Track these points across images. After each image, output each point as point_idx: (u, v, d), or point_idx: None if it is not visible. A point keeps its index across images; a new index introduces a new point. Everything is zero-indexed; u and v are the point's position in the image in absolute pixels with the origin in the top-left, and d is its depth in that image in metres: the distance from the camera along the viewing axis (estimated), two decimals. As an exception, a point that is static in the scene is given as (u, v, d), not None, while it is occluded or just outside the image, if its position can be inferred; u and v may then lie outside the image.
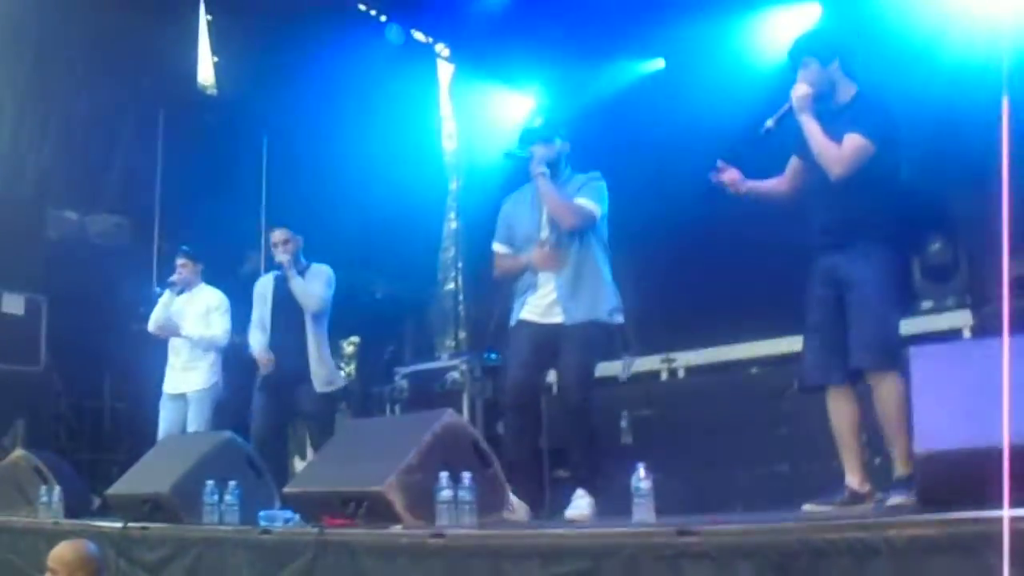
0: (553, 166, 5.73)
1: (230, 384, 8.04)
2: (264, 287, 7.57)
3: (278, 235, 7.41)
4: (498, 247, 5.99)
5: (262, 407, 7.29)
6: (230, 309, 8.00)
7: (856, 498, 4.64)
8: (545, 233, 5.69)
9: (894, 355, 4.52)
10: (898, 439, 4.50)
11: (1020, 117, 3.09)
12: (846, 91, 4.90)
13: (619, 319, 5.68)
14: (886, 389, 4.53)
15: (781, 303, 8.03)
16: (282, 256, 7.31)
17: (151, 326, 8.09)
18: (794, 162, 5.12)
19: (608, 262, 5.76)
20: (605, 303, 5.60)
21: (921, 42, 8.03)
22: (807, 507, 4.59)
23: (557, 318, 5.59)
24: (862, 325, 4.60)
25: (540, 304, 5.66)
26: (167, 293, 8.08)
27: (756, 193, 5.22)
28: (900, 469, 4.49)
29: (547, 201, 5.66)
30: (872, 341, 4.56)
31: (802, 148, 4.98)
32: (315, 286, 7.33)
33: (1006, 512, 2.62)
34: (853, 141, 4.68)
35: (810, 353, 4.88)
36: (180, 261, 8.08)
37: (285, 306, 7.35)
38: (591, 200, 5.66)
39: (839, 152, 4.70)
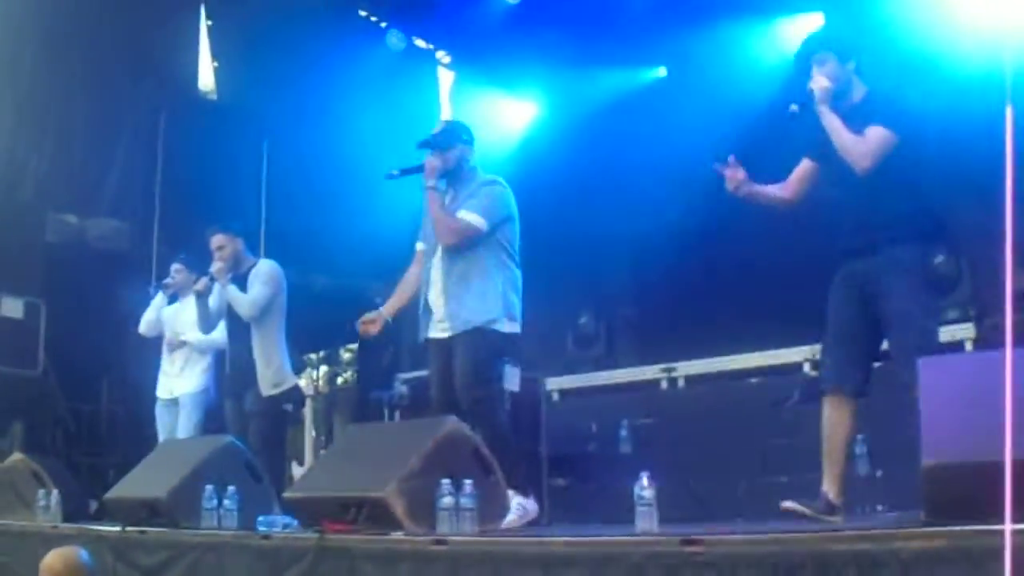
0: (452, 173, 5.71)
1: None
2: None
3: (215, 241, 7.25)
4: (420, 246, 6.02)
5: (229, 413, 7.28)
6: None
7: (831, 508, 4.58)
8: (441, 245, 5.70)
9: None
10: None
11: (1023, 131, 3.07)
12: (859, 91, 4.84)
13: (508, 328, 5.59)
14: None
15: (782, 314, 8.07)
16: (216, 264, 7.18)
17: (142, 326, 8.09)
18: (804, 166, 5.04)
19: (510, 268, 5.68)
20: (485, 312, 5.51)
21: (925, 53, 8.03)
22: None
23: (445, 332, 5.59)
24: (905, 337, 4.48)
25: (434, 317, 5.68)
26: (160, 295, 8.06)
27: (757, 198, 5.07)
28: None
29: (431, 216, 5.67)
30: (918, 353, 4.43)
31: (816, 150, 4.93)
32: (253, 289, 7.14)
33: (1008, 527, 2.61)
34: (876, 132, 4.60)
35: (830, 356, 4.78)
36: (175, 267, 8.06)
37: (233, 311, 7.25)
38: (476, 213, 5.56)
39: (865, 145, 4.61)
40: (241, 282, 7.18)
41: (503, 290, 5.59)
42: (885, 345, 4.77)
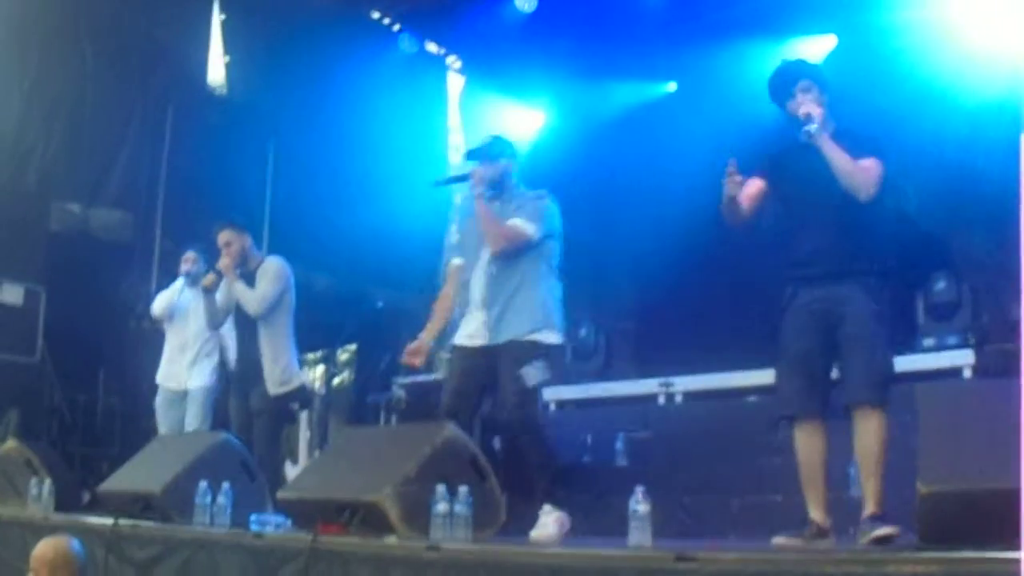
0: (498, 185, 5.70)
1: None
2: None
3: (222, 236, 7.20)
4: (455, 261, 5.96)
5: (234, 410, 7.26)
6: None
7: (821, 533, 4.57)
8: (485, 252, 5.65)
9: (886, 391, 4.48)
10: (873, 478, 4.43)
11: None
12: (829, 128, 4.77)
13: (551, 339, 5.56)
14: (871, 425, 4.44)
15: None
16: (224, 260, 7.14)
17: (155, 307, 8.03)
18: (758, 185, 5.00)
19: (552, 281, 5.67)
20: (530, 322, 5.49)
21: (936, 80, 8.05)
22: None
23: (486, 340, 5.55)
24: (857, 359, 4.50)
25: (471, 326, 5.63)
26: (181, 281, 8.00)
27: (731, 203, 4.92)
28: (871, 507, 4.39)
29: (480, 223, 5.63)
30: (871, 376, 4.46)
31: (775, 173, 4.94)
32: (260, 286, 7.10)
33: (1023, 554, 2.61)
34: (873, 163, 4.62)
35: (789, 382, 4.75)
36: (192, 256, 7.98)
37: (241, 308, 7.22)
38: (528, 221, 5.56)
39: (869, 174, 4.61)
40: (248, 279, 7.15)
41: (547, 301, 5.59)
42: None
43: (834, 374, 4.75)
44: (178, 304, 7.99)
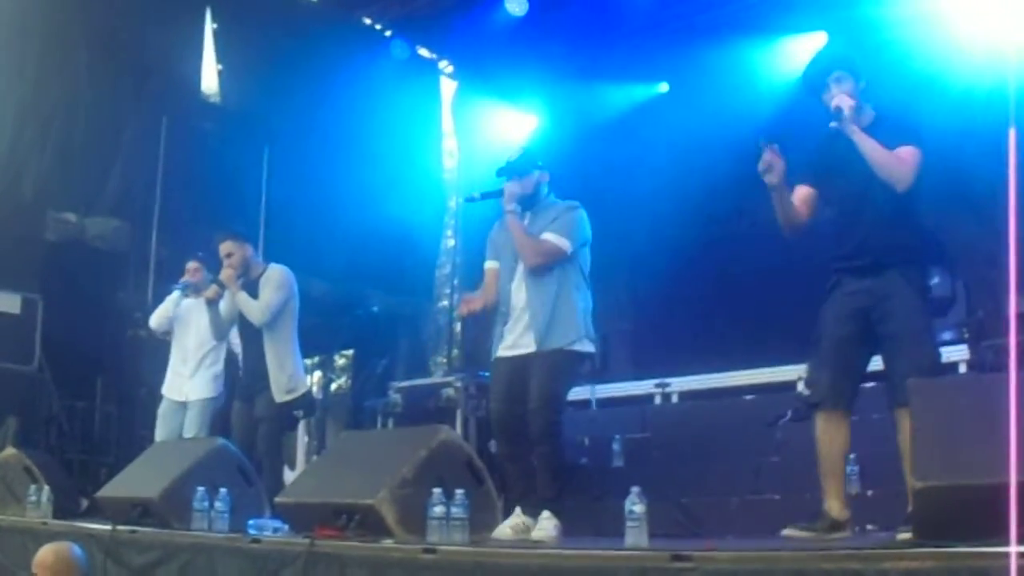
0: (530, 198, 5.73)
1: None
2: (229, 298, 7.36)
3: (224, 247, 7.19)
4: (491, 264, 5.96)
5: (237, 415, 7.25)
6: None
7: (836, 526, 4.56)
8: (521, 264, 5.67)
9: None
10: None
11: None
12: (867, 115, 4.79)
13: (588, 348, 5.61)
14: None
15: (777, 333, 8.09)
16: (226, 271, 7.14)
17: (152, 320, 8.05)
18: (805, 192, 4.96)
19: (585, 290, 5.72)
20: (573, 332, 5.54)
21: (926, 73, 8.07)
22: (787, 531, 4.50)
23: (527, 348, 5.56)
24: (907, 359, 4.45)
25: (511, 336, 5.65)
26: (177, 293, 8.01)
27: (777, 193, 4.84)
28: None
29: (515, 240, 5.66)
30: (928, 373, 4.39)
31: (812, 174, 4.93)
32: (264, 294, 7.08)
33: (1013, 548, 2.62)
34: (910, 151, 4.60)
35: (822, 371, 4.76)
36: (194, 265, 7.99)
37: (245, 317, 7.20)
38: (560, 235, 5.59)
39: (906, 164, 4.59)
40: (251, 288, 7.14)
41: (582, 311, 5.63)
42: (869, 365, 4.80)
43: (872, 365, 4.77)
44: (177, 315, 8.00)
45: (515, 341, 5.62)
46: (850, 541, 4.41)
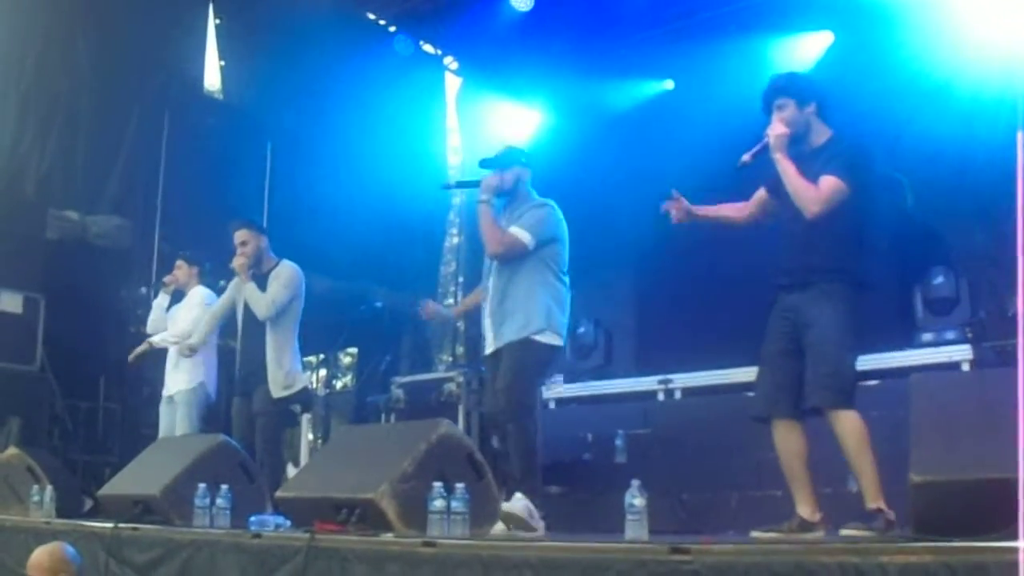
0: (508, 193, 5.86)
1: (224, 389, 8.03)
2: (237, 287, 7.44)
3: (239, 235, 7.26)
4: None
5: (236, 411, 7.28)
6: (208, 306, 7.88)
7: (806, 526, 4.62)
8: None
9: (850, 394, 4.58)
10: (864, 473, 4.50)
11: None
12: (821, 134, 4.92)
13: (553, 340, 5.71)
14: (845, 427, 4.53)
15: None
16: (238, 259, 7.19)
17: (149, 327, 8.12)
18: (761, 195, 5.18)
19: (556, 286, 5.81)
20: (534, 323, 5.65)
21: (935, 78, 8.06)
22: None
23: (494, 344, 5.74)
24: (818, 365, 4.61)
25: (487, 333, 5.83)
26: (161, 295, 8.08)
27: (710, 219, 5.36)
28: (870, 502, 4.46)
29: (481, 229, 5.80)
30: (828, 381, 4.57)
31: (774, 184, 5.03)
32: (272, 289, 7.13)
33: (1022, 543, 2.62)
34: (829, 182, 4.69)
35: (761, 385, 4.96)
36: (176, 264, 8.08)
37: (249, 309, 7.23)
38: (523, 229, 5.71)
39: (816, 192, 4.70)
40: (261, 281, 7.17)
41: (547, 305, 5.71)
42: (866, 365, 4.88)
43: None
44: (162, 316, 8.07)
45: (489, 338, 5.80)
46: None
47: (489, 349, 5.80)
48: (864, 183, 4.78)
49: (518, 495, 5.28)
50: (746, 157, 5.00)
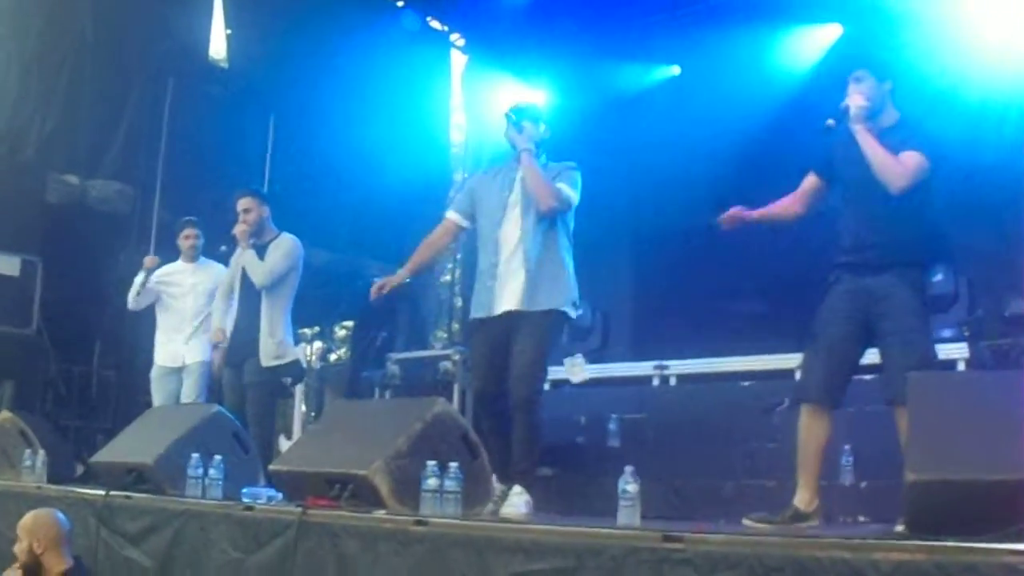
0: (538, 147, 5.68)
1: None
2: (239, 258, 7.40)
3: (242, 203, 7.21)
4: (452, 215, 5.95)
5: (227, 382, 7.26)
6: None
7: (799, 516, 4.62)
8: (515, 211, 5.59)
9: None
10: None
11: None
12: (891, 115, 4.86)
13: (576, 312, 5.60)
14: None
15: (777, 320, 8.08)
16: (239, 227, 7.16)
17: (131, 303, 8.03)
18: (812, 181, 5.07)
19: (571, 254, 5.64)
20: (567, 293, 5.50)
21: (939, 73, 8.03)
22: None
23: (512, 306, 5.47)
24: (908, 355, 4.49)
25: (496, 291, 5.55)
26: (142, 275, 7.99)
27: (766, 220, 5.20)
28: None
29: (530, 179, 5.54)
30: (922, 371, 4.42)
31: (825, 167, 4.97)
32: (271, 259, 7.12)
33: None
34: (915, 157, 4.64)
35: (821, 369, 4.80)
36: (193, 232, 8.02)
37: (247, 279, 7.21)
38: (569, 187, 5.56)
39: (903, 167, 4.63)
40: (260, 252, 7.16)
41: (571, 274, 5.59)
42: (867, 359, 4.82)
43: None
44: (170, 282, 8.00)
45: (498, 297, 5.53)
46: (837, 531, 4.41)
47: (500, 309, 5.52)
48: (934, 159, 4.74)
49: (517, 489, 5.21)
50: (831, 121, 4.87)
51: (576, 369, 8.27)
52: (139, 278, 7.96)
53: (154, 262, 7.96)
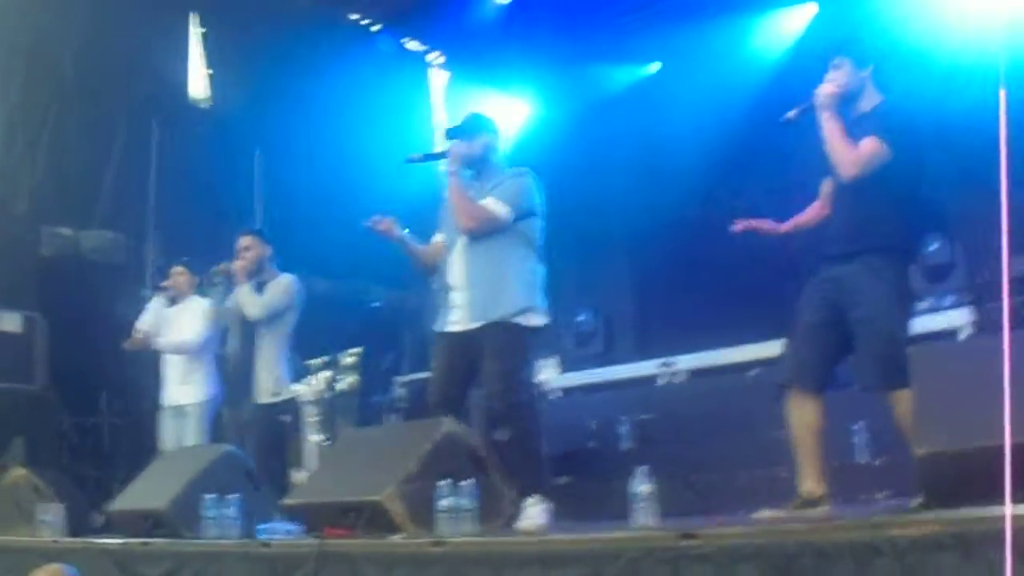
0: (477, 163, 5.63)
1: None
2: (236, 295, 7.36)
3: (243, 241, 7.24)
4: (438, 237, 5.88)
5: (227, 421, 7.28)
6: (212, 316, 7.82)
7: (809, 502, 4.59)
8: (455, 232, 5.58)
9: (906, 370, 4.49)
10: None
11: (1015, 115, 3.07)
12: (871, 99, 4.83)
13: (537, 321, 5.46)
14: (902, 404, 4.39)
15: (781, 305, 8.00)
16: (236, 263, 7.17)
17: (143, 325, 8.04)
18: (827, 184, 5.05)
19: (534, 263, 5.56)
20: (517, 303, 5.39)
21: (916, 41, 8.02)
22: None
23: (465, 325, 5.45)
24: (871, 343, 4.54)
25: (454, 312, 5.53)
26: (155, 299, 8.05)
27: (799, 228, 5.24)
28: None
29: (451, 202, 5.54)
30: (883, 360, 4.48)
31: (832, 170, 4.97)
32: (268, 294, 7.12)
33: (1008, 509, 2.60)
34: (868, 143, 4.62)
35: (796, 354, 4.87)
36: (177, 270, 8.04)
37: (246, 321, 7.20)
38: (500, 201, 5.45)
39: (855, 154, 4.62)
40: (260, 290, 7.17)
41: (529, 282, 5.48)
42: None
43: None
44: (162, 321, 8.00)
45: (454, 316, 5.50)
46: (859, 509, 4.41)
47: (449, 328, 5.51)
48: (913, 148, 4.70)
49: (531, 500, 5.12)
50: (790, 114, 4.90)
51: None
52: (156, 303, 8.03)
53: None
